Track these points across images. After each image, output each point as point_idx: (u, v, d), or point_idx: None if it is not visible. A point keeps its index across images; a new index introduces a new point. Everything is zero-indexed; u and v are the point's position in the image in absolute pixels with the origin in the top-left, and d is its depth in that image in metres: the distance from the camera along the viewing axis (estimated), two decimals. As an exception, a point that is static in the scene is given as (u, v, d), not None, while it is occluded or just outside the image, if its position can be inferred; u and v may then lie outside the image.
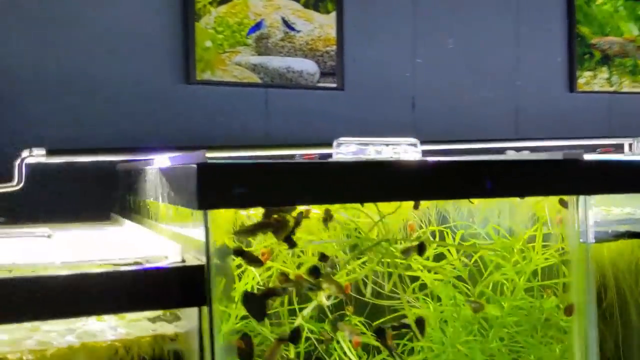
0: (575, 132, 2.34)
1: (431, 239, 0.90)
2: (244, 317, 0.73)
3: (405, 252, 0.83)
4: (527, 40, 2.29)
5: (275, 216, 0.73)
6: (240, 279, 0.75)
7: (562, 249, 0.94)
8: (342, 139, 0.92)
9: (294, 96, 1.95)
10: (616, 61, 2.40)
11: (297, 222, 0.74)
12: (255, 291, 0.72)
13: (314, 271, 0.74)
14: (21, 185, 1.31)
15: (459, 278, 0.88)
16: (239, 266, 0.76)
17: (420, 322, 0.73)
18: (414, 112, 2.11)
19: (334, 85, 1.97)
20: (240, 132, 1.88)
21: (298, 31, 1.93)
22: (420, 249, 0.83)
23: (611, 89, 2.40)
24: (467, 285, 0.88)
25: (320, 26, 1.95)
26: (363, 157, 0.94)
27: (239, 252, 0.72)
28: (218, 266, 0.69)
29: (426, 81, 2.13)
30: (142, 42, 1.78)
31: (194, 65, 1.81)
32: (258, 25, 1.89)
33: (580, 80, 2.35)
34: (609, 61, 2.39)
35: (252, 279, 0.77)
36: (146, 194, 0.93)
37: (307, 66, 1.94)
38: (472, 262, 0.88)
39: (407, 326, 0.73)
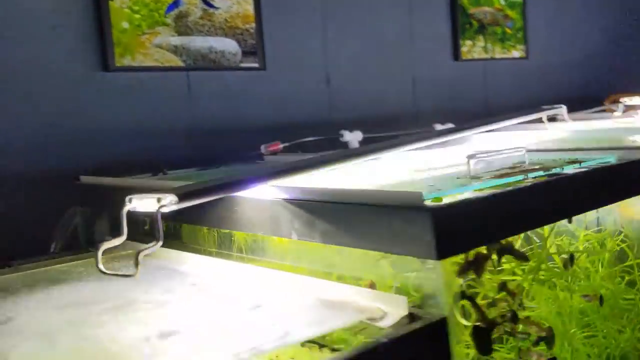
0: (459, 99, 2.52)
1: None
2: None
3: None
4: (418, 12, 2.38)
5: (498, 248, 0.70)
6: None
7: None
8: (477, 155, 0.85)
9: (216, 78, 1.83)
10: (489, 30, 2.60)
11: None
12: (481, 325, 0.69)
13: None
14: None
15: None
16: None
17: (550, 332, 0.75)
18: (328, 88, 2.11)
19: (256, 65, 1.89)
20: (163, 121, 1.73)
21: (217, 8, 1.80)
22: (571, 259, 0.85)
23: (487, 56, 2.61)
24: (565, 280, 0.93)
25: (237, 2, 1.84)
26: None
27: (467, 297, 0.67)
28: (453, 315, 0.64)
29: (337, 57, 2.12)
30: (46, 25, 1.54)
31: (112, 50, 1.61)
32: (176, 3, 1.73)
33: (463, 49, 2.51)
34: (484, 30, 2.58)
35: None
36: (254, 227, 0.79)
37: (229, 45, 1.83)
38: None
39: (544, 338, 0.75)
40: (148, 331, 0.65)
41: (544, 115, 1.61)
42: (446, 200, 0.66)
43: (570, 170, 0.84)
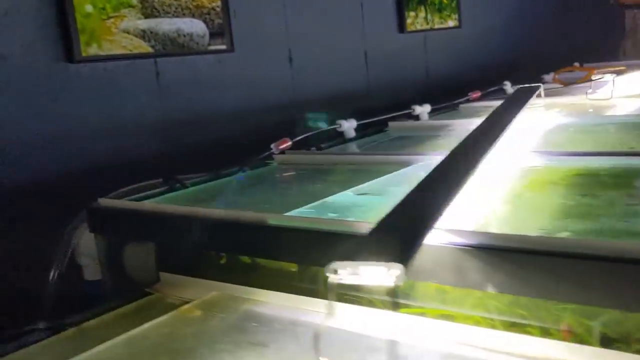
0: (404, 71, 2.50)
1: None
2: None
3: None
4: (367, -17, 2.30)
5: None
6: None
7: None
8: None
9: (185, 64, 1.65)
10: (429, 0, 2.59)
11: None
12: None
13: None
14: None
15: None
16: None
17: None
18: (292, 67, 1.99)
19: (224, 47, 1.73)
20: (133, 115, 1.54)
21: (182, -15, 1.61)
22: None
23: (427, 27, 2.59)
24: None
25: (202, -22, 1.66)
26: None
27: None
28: None
29: (297, 34, 2.00)
30: (-5, 10, 1.29)
31: (77, 38, 1.39)
32: (140, -19, 1.52)
33: (408, 21, 2.48)
34: (425, 0, 2.56)
35: None
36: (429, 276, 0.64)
37: (196, 27, 1.65)
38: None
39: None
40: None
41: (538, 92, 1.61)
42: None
43: None
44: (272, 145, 1.33)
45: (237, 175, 1.20)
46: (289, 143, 1.34)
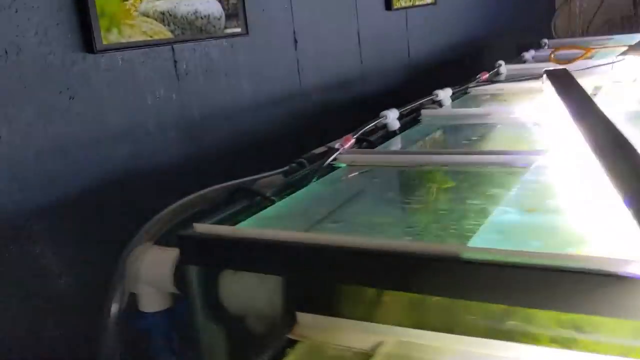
0: (389, 47, 2.40)
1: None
2: None
3: None
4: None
5: None
6: None
7: None
8: None
9: (201, 50, 1.46)
10: (410, -24, 2.49)
11: None
12: None
13: None
14: None
15: None
16: None
17: None
18: (296, 50, 1.83)
19: (239, 30, 1.55)
20: (153, 112, 1.34)
21: (198, -39, 1.41)
22: None
23: (410, 4, 2.50)
24: None
25: (215, -48, 1.47)
26: None
27: None
28: None
29: (301, 18, 1.84)
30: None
31: (97, 24, 1.17)
32: (157, -45, 1.31)
33: (394, -2, 2.37)
34: (407, -23, 2.46)
35: None
36: None
37: (213, 8, 1.46)
38: None
39: None
40: None
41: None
42: None
43: None
44: (337, 145, 1.18)
45: (312, 183, 1.05)
46: (353, 140, 1.20)
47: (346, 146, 1.20)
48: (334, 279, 0.73)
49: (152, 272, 1.00)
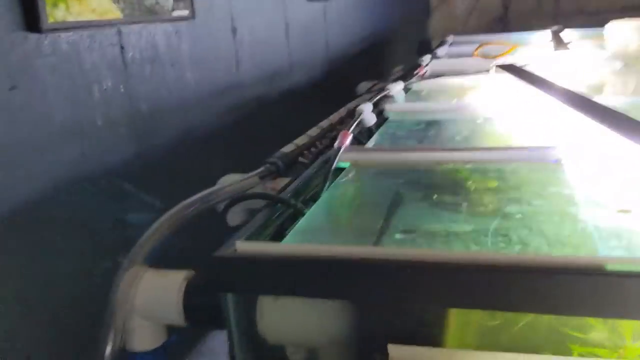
0: (310, 39, 2.30)
1: None
2: None
3: None
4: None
5: None
6: None
7: None
8: None
9: (147, 35, 1.25)
10: (329, -34, 2.39)
11: None
12: None
13: None
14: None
15: None
16: None
17: None
18: (234, 40, 1.66)
19: (187, 12, 1.36)
20: (98, 105, 1.12)
21: None
22: None
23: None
24: None
25: None
26: None
27: None
28: None
29: (237, 6, 1.67)
30: None
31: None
32: None
33: (315, -12, 2.26)
34: (327, -33, 2.36)
35: None
36: None
37: (160, -13, 1.26)
38: None
39: None
40: None
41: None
42: None
43: None
44: (336, 144, 1.04)
45: (326, 188, 0.91)
46: (351, 137, 1.07)
47: (346, 143, 1.07)
48: (444, 303, 0.60)
49: (150, 300, 0.83)
